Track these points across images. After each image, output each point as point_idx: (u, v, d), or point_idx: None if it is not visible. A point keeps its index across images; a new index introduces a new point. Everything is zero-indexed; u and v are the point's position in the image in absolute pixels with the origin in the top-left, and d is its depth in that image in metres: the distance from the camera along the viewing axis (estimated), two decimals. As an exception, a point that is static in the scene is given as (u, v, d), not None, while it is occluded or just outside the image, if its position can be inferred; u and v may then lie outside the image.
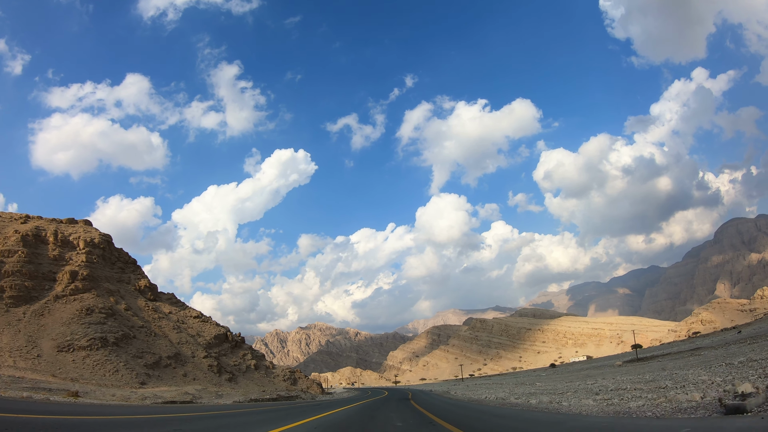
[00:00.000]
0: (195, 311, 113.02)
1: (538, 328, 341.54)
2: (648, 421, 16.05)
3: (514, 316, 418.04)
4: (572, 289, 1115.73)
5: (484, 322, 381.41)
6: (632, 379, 41.29)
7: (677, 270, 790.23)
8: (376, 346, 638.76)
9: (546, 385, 58.35)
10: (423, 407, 33.44)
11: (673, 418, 16.08)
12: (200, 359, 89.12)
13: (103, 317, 79.44)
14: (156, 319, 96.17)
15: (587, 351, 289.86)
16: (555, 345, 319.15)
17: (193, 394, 54.64)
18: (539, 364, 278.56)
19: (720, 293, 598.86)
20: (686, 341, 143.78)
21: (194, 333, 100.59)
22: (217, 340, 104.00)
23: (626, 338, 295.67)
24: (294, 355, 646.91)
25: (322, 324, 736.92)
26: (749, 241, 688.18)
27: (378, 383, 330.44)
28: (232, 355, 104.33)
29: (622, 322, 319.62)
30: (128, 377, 65.13)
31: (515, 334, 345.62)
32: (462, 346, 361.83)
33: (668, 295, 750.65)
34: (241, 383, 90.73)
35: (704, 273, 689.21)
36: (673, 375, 38.90)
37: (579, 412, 22.03)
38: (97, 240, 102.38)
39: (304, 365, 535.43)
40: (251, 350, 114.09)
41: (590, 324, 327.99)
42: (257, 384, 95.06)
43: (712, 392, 20.33)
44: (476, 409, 31.58)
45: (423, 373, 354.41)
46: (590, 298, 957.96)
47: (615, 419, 17.77)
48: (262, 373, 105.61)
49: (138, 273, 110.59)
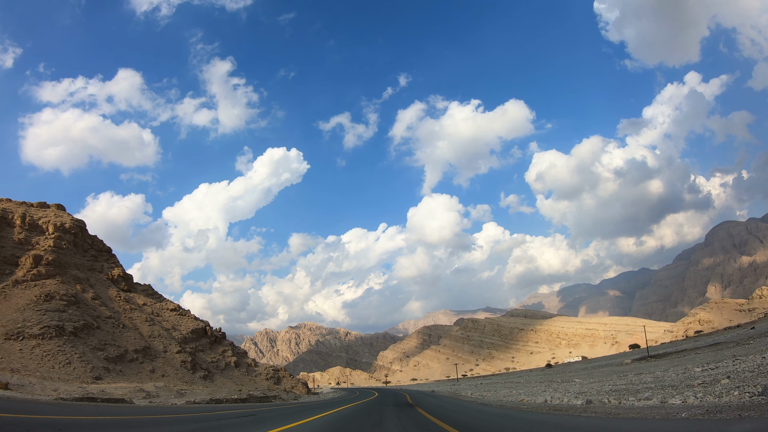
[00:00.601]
0: (173, 304, 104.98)
1: (531, 328, 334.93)
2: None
3: (506, 316, 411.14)
4: (563, 290, 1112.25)
5: (476, 322, 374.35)
6: (679, 375, 33.59)
7: (668, 272, 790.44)
8: (366, 346, 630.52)
9: (589, 385, 50.50)
10: (448, 423, 21.21)
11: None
12: (173, 354, 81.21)
13: (64, 305, 71.36)
14: (127, 310, 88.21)
15: (581, 352, 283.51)
16: (548, 345, 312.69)
17: (149, 392, 46.99)
18: (532, 365, 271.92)
19: (711, 295, 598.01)
20: (697, 339, 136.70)
21: (169, 326, 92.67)
22: (194, 335, 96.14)
23: (621, 339, 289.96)
24: (284, 355, 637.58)
25: (312, 324, 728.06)
26: (740, 244, 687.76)
27: (368, 383, 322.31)
28: (211, 351, 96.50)
29: (615, 322, 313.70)
30: (81, 371, 57.22)
31: (507, 335, 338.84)
32: (454, 347, 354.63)
33: (659, 297, 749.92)
34: (217, 381, 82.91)
35: (695, 275, 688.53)
36: (724, 369, 31.53)
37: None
38: (69, 225, 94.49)
39: (294, 365, 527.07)
40: (232, 347, 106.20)
41: (584, 324, 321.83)
42: (236, 382, 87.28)
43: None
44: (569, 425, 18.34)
45: (414, 373, 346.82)
46: (581, 300, 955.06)
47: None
48: (242, 371, 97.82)
49: (112, 262, 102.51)
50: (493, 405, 33.54)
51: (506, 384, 71.02)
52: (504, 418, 23.64)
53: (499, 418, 23.86)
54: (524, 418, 22.34)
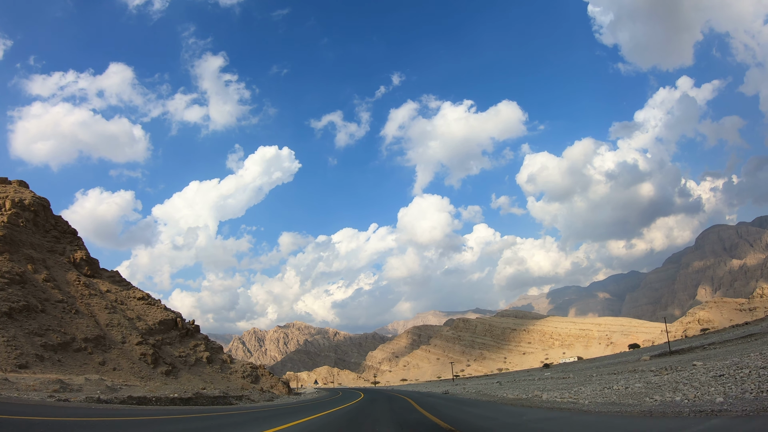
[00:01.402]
0: (141, 292, 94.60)
1: (524, 328, 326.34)
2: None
3: (497, 316, 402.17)
4: (552, 292, 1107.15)
5: (467, 321, 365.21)
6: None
7: (658, 275, 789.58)
8: (354, 346, 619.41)
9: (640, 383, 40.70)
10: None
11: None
12: (132, 346, 70.89)
13: (5, 283, 61.05)
14: (85, 295, 77.79)
15: (575, 352, 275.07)
16: (541, 346, 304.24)
17: (76, 385, 36.97)
18: (525, 366, 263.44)
19: (701, 298, 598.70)
20: (705, 336, 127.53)
21: (134, 316, 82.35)
22: (162, 327, 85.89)
23: (616, 339, 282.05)
24: (272, 354, 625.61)
25: (300, 323, 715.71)
26: (730, 248, 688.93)
27: (356, 383, 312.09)
28: (180, 345, 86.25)
29: (610, 323, 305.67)
30: (4, 356, 47.11)
31: (499, 335, 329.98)
32: (444, 347, 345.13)
33: (649, 299, 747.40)
34: (182, 377, 72.81)
35: (685, 278, 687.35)
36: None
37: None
38: (29, 202, 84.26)
39: (282, 364, 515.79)
40: (206, 341, 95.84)
41: (577, 325, 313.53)
42: (204, 380, 77.25)
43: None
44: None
45: (403, 373, 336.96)
46: (570, 302, 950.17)
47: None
48: (215, 368, 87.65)
49: (76, 245, 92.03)
50: (536, 405, 24.08)
51: (529, 383, 58.35)
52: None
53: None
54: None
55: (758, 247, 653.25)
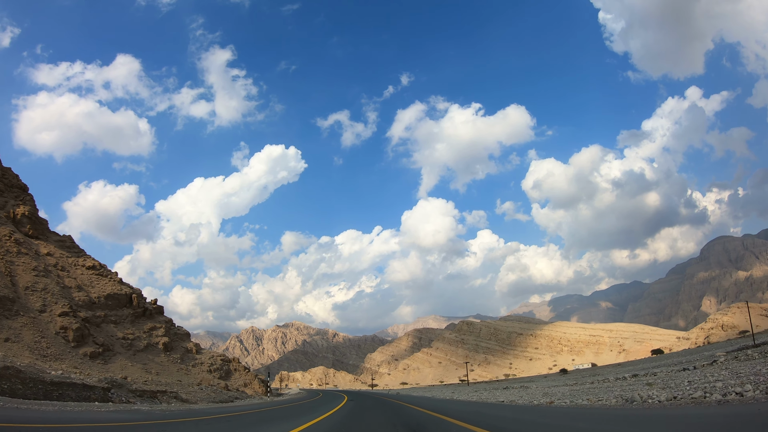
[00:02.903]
0: (93, 261, 76.16)
1: (531, 333, 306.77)
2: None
3: (502, 320, 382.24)
4: (554, 300, 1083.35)
5: (472, 324, 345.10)
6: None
7: (661, 286, 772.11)
8: (353, 348, 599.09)
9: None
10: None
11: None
12: (53, 317, 52.57)
13: None
14: (13, 253, 59.72)
15: (585, 359, 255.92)
16: (549, 351, 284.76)
17: None
18: (533, 372, 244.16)
19: (706, 309, 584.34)
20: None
21: (72, 285, 64.02)
22: (110, 302, 67.59)
23: (628, 346, 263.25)
24: (269, 354, 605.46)
25: (299, 323, 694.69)
26: (736, 260, 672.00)
27: (352, 386, 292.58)
28: (131, 326, 67.78)
29: (622, 329, 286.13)
30: None
31: (505, 339, 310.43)
32: (447, 350, 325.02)
33: (652, 310, 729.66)
34: (116, 363, 54.52)
35: (690, 289, 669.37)
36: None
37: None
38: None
39: (278, 364, 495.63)
40: (168, 325, 77.25)
41: (587, 330, 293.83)
42: (151, 369, 58.90)
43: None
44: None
45: (403, 377, 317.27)
46: (572, 311, 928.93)
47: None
48: (173, 357, 69.21)
49: (21, 200, 74.16)
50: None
51: (606, 387, 38.04)
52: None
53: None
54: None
55: (764, 259, 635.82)
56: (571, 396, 30.21)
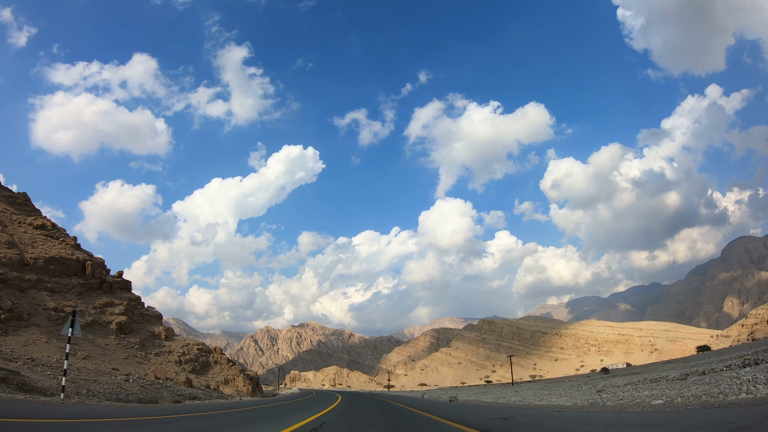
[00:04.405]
0: (46, 221, 59.57)
1: (556, 332, 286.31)
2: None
3: (524, 319, 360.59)
4: (572, 302, 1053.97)
5: (493, 323, 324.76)
6: None
7: (681, 287, 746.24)
8: (369, 348, 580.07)
9: None
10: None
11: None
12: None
13: None
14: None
15: (614, 359, 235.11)
16: (576, 352, 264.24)
17: None
18: (558, 373, 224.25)
19: (728, 310, 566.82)
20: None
21: (3, 240, 46.83)
22: (53, 267, 51.19)
23: (660, 345, 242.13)
24: (284, 354, 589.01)
25: (315, 324, 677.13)
26: (758, 260, 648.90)
27: (367, 387, 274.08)
28: (77, 298, 51.44)
29: (653, 327, 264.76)
30: None
31: (528, 338, 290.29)
32: (467, 350, 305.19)
33: (672, 312, 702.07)
34: (23, 338, 37.16)
35: (711, 290, 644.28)
36: None
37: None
38: None
39: (292, 363, 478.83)
40: (132, 303, 59.95)
41: (616, 329, 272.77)
42: (77, 353, 40.98)
43: None
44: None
45: (421, 377, 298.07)
46: (590, 313, 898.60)
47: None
48: (131, 341, 52.74)
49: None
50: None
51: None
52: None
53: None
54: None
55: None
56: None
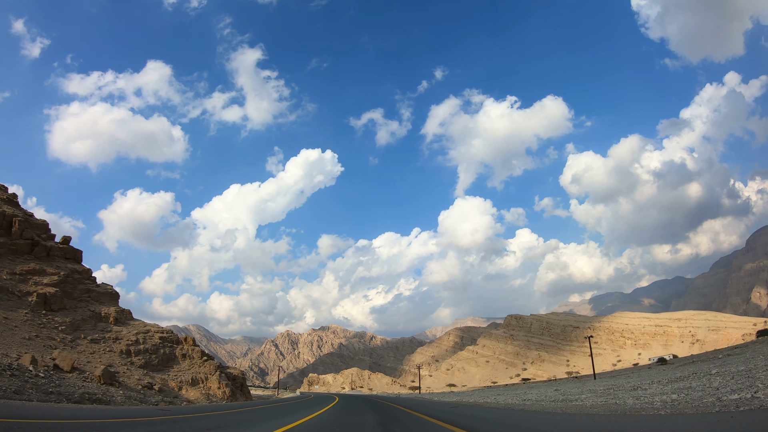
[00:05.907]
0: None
1: (588, 325, 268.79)
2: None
3: (552, 314, 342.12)
4: (594, 299, 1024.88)
5: (521, 319, 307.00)
6: None
7: (706, 280, 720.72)
8: (391, 350, 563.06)
9: None
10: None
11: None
12: None
13: None
14: None
15: (652, 352, 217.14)
16: (611, 346, 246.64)
17: None
18: (595, 369, 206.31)
19: (756, 301, 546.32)
20: None
21: None
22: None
23: (702, 336, 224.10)
24: (304, 357, 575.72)
25: (336, 327, 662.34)
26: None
27: (390, 389, 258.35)
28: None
29: (692, 317, 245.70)
30: None
31: (559, 334, 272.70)
32: (495, 347, 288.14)
33: (698, 305, 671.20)
34: None
35: (737, 281, 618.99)
36: None
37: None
38: None
39: (313, 367, 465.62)
40: (78, 276, 45.77)
41: (652, 321, 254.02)
42: None
43: None
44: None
45: (447, 378, 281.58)
46: (613, 309, 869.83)
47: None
48: (58, 319, 37.46)
49: None
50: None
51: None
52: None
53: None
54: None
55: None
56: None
